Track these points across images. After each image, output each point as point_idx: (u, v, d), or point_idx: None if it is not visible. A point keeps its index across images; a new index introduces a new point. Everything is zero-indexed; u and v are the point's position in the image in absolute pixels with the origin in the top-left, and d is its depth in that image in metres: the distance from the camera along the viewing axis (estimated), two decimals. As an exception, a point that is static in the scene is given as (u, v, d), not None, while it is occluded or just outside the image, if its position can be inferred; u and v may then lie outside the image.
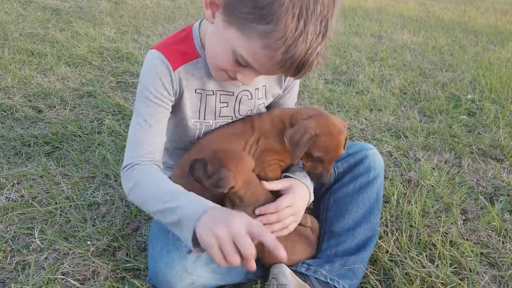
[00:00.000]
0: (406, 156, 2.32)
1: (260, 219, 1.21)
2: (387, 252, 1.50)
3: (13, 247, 1.42)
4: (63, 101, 2.55)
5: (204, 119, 1.33)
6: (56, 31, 3.96)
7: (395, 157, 2.28)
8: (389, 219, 1.69)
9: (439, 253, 1.51)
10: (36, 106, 2.45)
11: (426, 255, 1.51)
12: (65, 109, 2.45)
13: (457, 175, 2.13)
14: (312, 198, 1.36)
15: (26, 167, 1.87)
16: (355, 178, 1.42)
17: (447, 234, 1.65)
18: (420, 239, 1.58)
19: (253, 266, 0.91)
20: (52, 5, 4.97)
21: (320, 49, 0.99)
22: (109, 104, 2.56)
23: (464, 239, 1.62)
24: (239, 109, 1.36)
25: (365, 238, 1.37)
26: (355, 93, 3.27)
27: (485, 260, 1.54)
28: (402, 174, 2.10)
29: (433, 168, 2.17)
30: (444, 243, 1.58)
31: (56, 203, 1.64)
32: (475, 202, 1.90)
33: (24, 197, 1.67)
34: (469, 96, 3.29)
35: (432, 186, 1.98)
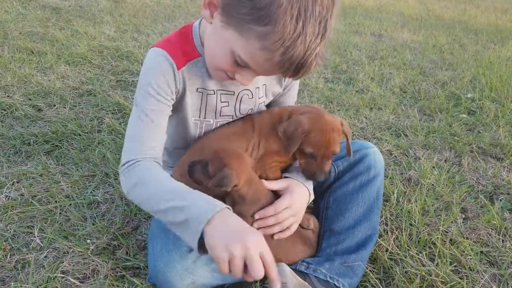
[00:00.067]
0: (406, 155, 2.32)
1: (258, 224, 1.22)
2: (387, 251, 1.50)
3: (13, 246, 1.42)
4: (63, 100, 2.54)
5: (205, 118, 1.33)
6: (56, 30, 3.95)
7: (395, 156, 2.28)
8: (389, 218, 1.69)
9: (439, 252, 1.51)
10: (36, 105, 2.45)
11: (426, 254, 1.51)
12: (65, 108, 2.44)
13: (457, 174, 2.13)
14: (312, 197, 1.36)
15: (26, 166, 1.87)
16: (355, 177, 1.42)
17: (447, 233, 1.65)
18: (420, 238, 1.58)
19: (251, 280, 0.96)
20: (52, 4, 4.97)
21: (319, 50, 0.99)
22: (109, 103, 2.56)
23: (464, 238, 1.62)
24: (240, 108, 1.36)
25: (365, 237, 1.37)
26: (355, 92, 3.26)
27: (485, 259, 1.54)
28: (402, 173, 2.10)
29: (433, 167, 2.17)
30: (444, 242, 1.58)
31: (56, 202, 1.64)
32: (475, 201, 1.90)
33: (24, 196, 1.67)
34: (469, 95, 3.29)
35: (432, 185, 1.98)
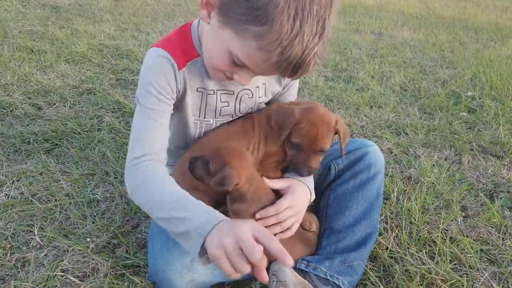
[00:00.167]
0: (406, 153, 2.32)
1: (259, 223, 1.21)
2: (387, 249, 1.51)
3: (13, 244, 1.42)
4: (63, 98, 2.54)
5: (205, 118, 1.33)
6: (56, 29, 3.95)
7: (395, 154, 2.28)
8: (389, 216, 1.69)
9: (439, 250, 1.50)
10: (36, 104, 2.45)
11: (426, 252, 1.51)
12: (65, 106, 2.44)
13: (457, 172, 2.12)
14: (314, 197, 1.35)
15: (26, 164, 1.87)
16: (356, 175, 1.42)
17: (447, 231, 1.65)
18: (420, 236, 1.58)
19: (265, 278, 0.89)
20: (52, 3, 4.96)
21: (317, 50, 0.98)
22: (109, 101, 2.56)
23: (464, 236, 1.62)
24: (240, 108, 1.36)
25: (365, 235, 1.37)
26: (355, 90, 3.26)
27: (485, 257, 1.54)
28: (402, 171, 2.10)
29: (433, 165, 2.17)
30: (444, 240, 1.58)
31: (56, 200, 1.64)
32: (475, 199, 1.90)
33: (24, 194, 1.67)
34: (469, 93, 3.28)
35: (432, 183, 1.97)
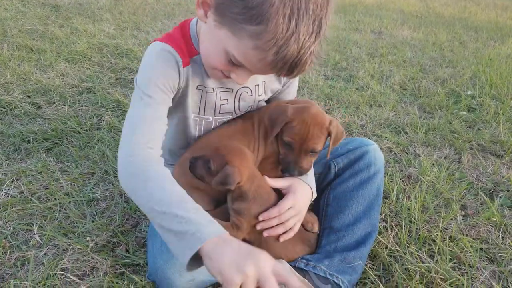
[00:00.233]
0: (406, 152, 2.31)
1: (262, 225, 1.22)
2: (387, 248, 1.50)
3: (12, 243, 1.42)
4: (62, 97, 2.54)
5: (204, 115, 1.33)
6: (56, 28, 3.95)
7: (395, 153, 2.28)
8: (389, 215, 1.69)
9: (439, 249, 1.50)
10: (35, 102, 2.45)
11: (426, 251, 1.51)
12: (65, 105, 2.44)
13: (457, 171, 2.12)
14: (315, 195, 1.36)
15: (26, 163, 1.87)
16: (355, 174, 1.42)
17: (447, 230, 1.65)
18: (420, 235, 1.58)
19: None
20: (51, 2, 4.96)
21: (314, 49, 0.98)
22: (109, 100, 2.56)
23: (464, 235, 1.62)
24: (239, 106, 1.36)
25: (365, 234, 1.37)
26: (355, 89, 3.26)
27: (485, 256, 1.54)
28: (402, 170, 2.09)
29: (433, 164, 2.17)
30: (444, 239, 1.58)
31: (56, 199, 1.64)
32: (475, 198, 1.90)
33: (24, 193, 1.67)
34: (469, 92, 3.28)
35: (432, 182, 1.97)
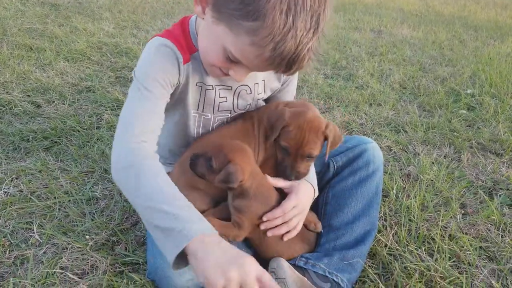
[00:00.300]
0: (406, 151, 2.31)
1: (266, 225, 1.22)
2: (386, 246, 1.51)
3: (12, 242, 1.42)
4: (62, 96, 2.54)
5: (203, 112, 1.33)
6: (55, 26, 3.94)
7: (395, 152, 2.28)
8: (388, 213, 1.69)
9: (438, 247, 1.51)
10: (35, 101, 2.44)
11: (425, 249, 1.51)
12: (64, 104, 2.44)
13: (457, 170, 2.12)
14: (317, 193, 1.36)
15: (25, 162, 1.87)
16: (354, 172, 1.42)
17: (446, 228, 1.65)
18: (419, 233, 1.58)
19: None
20: (51, 0, 4.95)
21: (312, 45, 0.98)
22: (108, 99, 2.55)
23: (463, 233, 1.62)
24: (238, 104, 1.36)
25: (364, 232, 1.37)
26: (355, 88, 3.26)
27: (484, 254, 1.54)
28: (401, 169, 2.09)
29: (433, 163, 2.17)
30: (443, 237, 1.58)
31: (55, 198, 1.64)
32: (474, 196, 1.90)
33: (23, 192, 1.67)
34: (469, 91, 3.28)
35: (431, 181, 1.97)
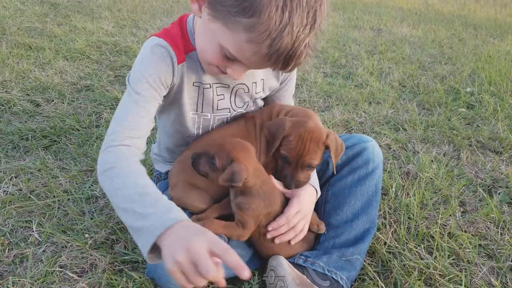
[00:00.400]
0: (405, 149, 2.31)
1: (272, 234, 1.24)
2: (385, 244, 1.51)
3: (11, 240, 1.42)
4: (61, 95, 2.54)
5: (202, 112, 1.33)
6: (54, 25, 3.94)
7: (394, 150, 2.28)
8: (388, 211, 1.69)
9: (437, 245, 1.51)
10: (34, 100, 2.44)
11: (424, 247, 1.51)
12: (63, 103, 2.44)
13: (456, 168, 2.12)
14: (319, 194, 1.37)
15: (24, 161, 1.87)
16: (354, 170, 1.42)
17: (446, 226, 1.65)
18: (418, 231, 1.58)
19: (222, 284, 0.85)
20: (50, -1, 4.95)
21: (309, 41, 0.97)
22: (107, 98, 2.55)
23: (463, 231, 1.62)
24: (236, 102, 1.36)
25: (363, 230, 1.37)
26: (354, 86, 3.26)
27: (483, 252, 1.54)
28: (401, 167, 2.09)
29: (432, 161, 2.17)
30: (442, 235, 1.58)
31: (54, 197, 1.64)
32: (474, 194, 1.90)
33: (22, 191, 1.67)
34: (468, 89, 3.28)
35: (431, 179, 1.97)
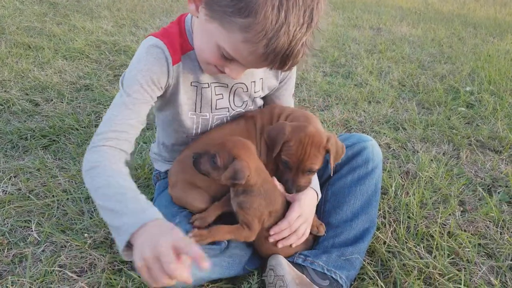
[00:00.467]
0: (405, 148, 2.31)
1: (275, 238, 1.24)
2: (385, 243, 1.50)
3: (10, 240, 1.42)
4: (60, 95, 2.53)
5: (201, 112, 1.32)
6: (53, 25, 3.93)
7: (393, 149, 2.28)
8: (387, 211, 1.69)
9: (437, 244, 1.50)
10: (33, 100, 2.44)
11: (424, 246, 1.51)
12: (62, 103, 2.43)
13: (455, 167, 2.12)
14: (320, 196, 1.37)
15: (23, 161, 1.86)
16: (353, 170, 1.42)
17: (445, 225, 1.65)
18: (418, 230, 1.58)
19: (189, 281, 0.85)
20: (49, -1, 4.94)
21: (306, 40, 0.97)
22: (107, 97, 2.55)
23: (462, 230, 1.62)
24: (234, 101, 1.36)
25: (363, 229, 1.37)
26: (354, 86, 3.25)
27: (483, 251, 1.54)
28: (400, 166, 2.09)
29: (431, 160, 2.16)
30: (442, 234, 1.58)
31: (53, 196, 1.64)
32: (473, 194, 1.90)
33: (21, 190, 1.66)
34: (468, 88, 3.28)
35: (430, 178, 1.97)
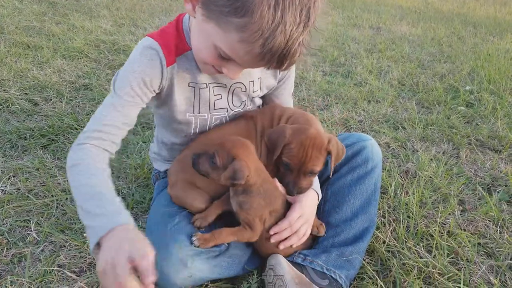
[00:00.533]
0: (404, 147, 2.31)
1: (275, 238, 1.24)
2: (384, 243, 1.50)
3: (9, 240, 1.42)
4: (59, 94, 2.53)
5: (199, 113, 1.32)
6: (52, 24, 3.93)
7: (393, 148, 2.28)
8: (387, 210, 1.69)
9: (437, 244, 1.50)
10: (32, 99, 2.43)
11: (423, 246, 1.51)
12: (61, 102, 2.43)
13: (455, 166, 2.12)
14: (320, 196, 1.37)
15: (22, 160, 1.86)
16: (353, 169, 1.42)
17: (445, 225, 1.65)
18: (418, 230, 1.58)
19: None
20: (48, -2, 4.94)
21: (303, 39, 0.97)
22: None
23: (462, 230, 1.62)
24: (233, 101, 1.35)
25: (362, 229, 1.37)
26: (353, 85, 3.25)
27: (482, 250, 1.54)
28: (400, 165, 2.09)
29: (431, 159, 2.16)
30: (442, 234, 1.58)
31: (52, 196, 1.63)
32: (473, 193, 1.90)
33: (20, 190, 1.66)
34: (468, 87, 3.28)
35: (430, 177, 1.97)
